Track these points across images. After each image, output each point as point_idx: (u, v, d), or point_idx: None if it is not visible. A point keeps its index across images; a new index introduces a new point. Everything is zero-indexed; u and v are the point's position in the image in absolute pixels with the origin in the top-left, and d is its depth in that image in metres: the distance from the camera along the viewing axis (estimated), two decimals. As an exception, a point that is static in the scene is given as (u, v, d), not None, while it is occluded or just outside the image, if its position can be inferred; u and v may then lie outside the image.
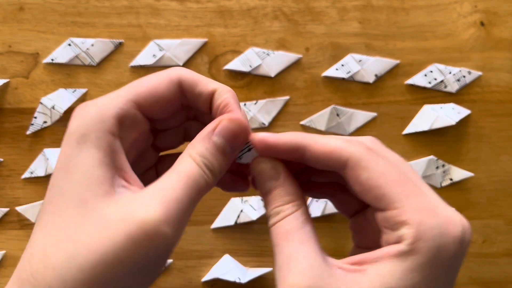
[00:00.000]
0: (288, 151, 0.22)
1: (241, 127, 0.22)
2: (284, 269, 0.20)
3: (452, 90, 0.45)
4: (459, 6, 0.45)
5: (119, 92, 0.22)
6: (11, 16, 0.44)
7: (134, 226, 0.18)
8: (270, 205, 0.22)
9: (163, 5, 0.44)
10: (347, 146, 0.21)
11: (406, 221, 0.19)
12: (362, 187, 0.21)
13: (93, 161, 0.19)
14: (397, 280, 0.19)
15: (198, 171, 0.20)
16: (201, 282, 0.45)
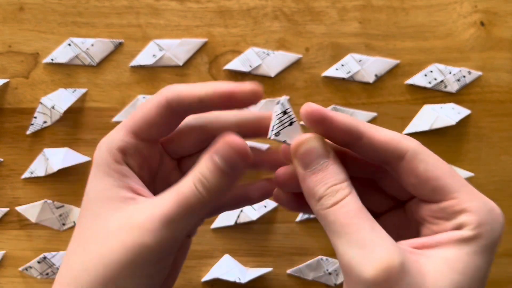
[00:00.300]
0: (344, 132, 0.21)
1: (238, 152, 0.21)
2: (369, 245, 0.19)
3: (452, 90, 0.45)
4: (459, 6, 0.45)
5: (123, 123, 0.24)
6: (11, 16, 0.44)
7: (126, 236, 0.21)
8: (324, 183, 0.21)
9: (163, 5, 0.44)
10: (404, 139, 0.21)
11: (466, 209, 0.20)
12: (418, 179, 0.21)
13: (105, 185, 0.23)
14: (463, 263, 0.19)
15: (191, 190, 0.21)
16: (201, 282, 0.45)
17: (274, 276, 0.45)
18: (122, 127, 0.24)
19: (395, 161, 0.21)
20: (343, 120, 0.21)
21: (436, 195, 0.21)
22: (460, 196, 0.20)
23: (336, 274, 0.45)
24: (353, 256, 0.19)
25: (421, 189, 0.21)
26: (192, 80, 0.44)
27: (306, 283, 0.46)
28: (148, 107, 0.23)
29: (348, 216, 0.20)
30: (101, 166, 0.23)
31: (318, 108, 0.21)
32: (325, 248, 0.45)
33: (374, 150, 0.21)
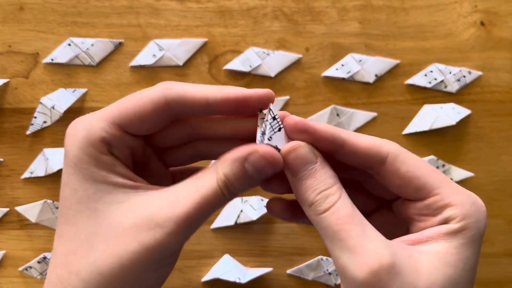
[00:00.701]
0: (325, 140, 0.22)
1: (273, 162, 0.22)
2: (360, 251, 0.19)
3: (452, 90, 0.45)
4: (459, 6, 0.45)
5: (106, 112, 0.22)
6: (11, 16, 0.44)
7: (146, 233, 0.20)
8: (313, 190, 0.21)
9: (163, 5, 0.44)
10: (384, 143, 0.22)
11: (450, 203, 0.21)
12: (402, 180, 0.21)
13: (96, 177, 0.21)
14: (452, 255, 0.20)
15: (217, 193, 0.21)
16: (201, 282, 0.45)
17: (274, 276, 0.45)
18: (105, 116, 0.22)
19: (377, 165, 0.22)
20: (325, 129, 0.22)
21: (420, 193, 0.21)
22: (443, 192, 0.21)
23: (336, 274, 0.45)
24: (345, 261, 0.20)
25: (405, 189, 0.22)
26: (192, 80, 0.44)
27: (306, 283, 0.46)
28: (143, 102, 0.22)
29: (339, 222, 0.20)
30: (83, 157, 0.21)
31: (300, 120, 0.22)
32: (325, 248, 0.45)
33: (356, 156, 0.22)
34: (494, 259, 0.46)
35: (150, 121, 0.22)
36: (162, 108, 0.22)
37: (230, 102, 0.22)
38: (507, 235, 0.46)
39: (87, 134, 0.21)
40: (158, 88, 0.22)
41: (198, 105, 0.22)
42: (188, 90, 0.22)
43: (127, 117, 0.22)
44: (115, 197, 0.21)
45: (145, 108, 0.22)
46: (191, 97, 0.22)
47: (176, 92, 0.22)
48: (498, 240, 0.46)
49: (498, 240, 0.46)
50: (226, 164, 0.22)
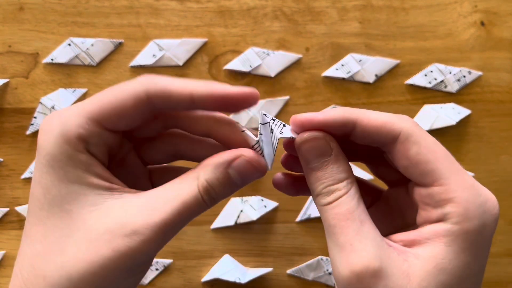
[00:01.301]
0: (337, 127, 0.21)
1: (259, 168, 0.21)
2: (347, 249, 0.19)
3: (452, 90, 0.45)
4: (459, 6, 0.45)
5: (83, 107, 0.21)
6: (11, 16, 0.44)
7: (120, 239, 0.19)
8: (321, 182, 0.21)
9: (163, 5, 0.44)
10: (398, 120, 0.21)
11: (453, 199, 0.19)
12: (409, 162, 0.20)
13: (70, 177, 0.20)
14: (450, 261, 0.19)
15: (197, 199, 0.20)
16: (201, 282, 0.45)
17: (274, 276, 0.45)
18: (82, 111, 0.20)
19: (387, 144, 0.21)
20: (334, 116, 0.21)
21: (425, 179, 0.20)
22: (449, 184, 0.20)
23: (336, 274, 0.45)
24: (334, 255, 0.20)
25: (411, 172, 0.21)
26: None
27: (306, 283, 0.45)
28: (123, 97, 0.20)
29: (336, 217, 0.20)
30: (57, 155, 0.20)
31: (305, 118, 0.21)
32: (325, 248, 0.45)
33: (368, 136, 0.21)
34: (494, 259, 0.46)
35: (130, 116, 0.21)
36: (144, 103, 0.21)
37: (215, 99, 0.21)
38: (507, 235, 0.46)
39: (63, 130, 0.20)
40: (140, 81, 0.21)
41: (182, 100, 0.21)
42: (172, 85, 0.21)
43: (106, 112, 0.20)
44: (90, 199, 0.20)
45: (125, 103, 0.20)
46: (175, 92, 0.21)
47: (160, 87, 0.21)
48: (498, 240, 0.46)
49: (498, 240, 0.46)
50: (208, 169, 0.21)
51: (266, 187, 0.45)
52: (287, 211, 0.45)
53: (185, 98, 0.21)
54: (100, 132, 0.21)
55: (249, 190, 0.45)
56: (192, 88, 0.21)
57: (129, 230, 0.19)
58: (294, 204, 0.45)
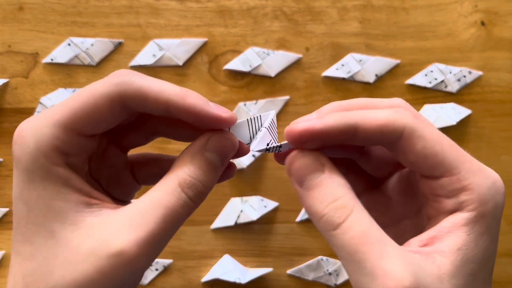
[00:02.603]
0: (338, 135, 0.20)
1: (232, 141, 0.21)
2: (380, 275, 0.18)
3: (452, 90, 0.45)
4: (460, 5, 0.45)
5: (56, 115, 0.19)
6: (11, 16, 0.43)
7: (105, 261, 0.18)
8: (320, 201, 0.19)
9: (163, 4, 0.44)
10: (398, 116, 0.20)
11: (466, 187, 0.19)
12: (417, 157, 0.20)
13: (50, 193, 0.19)
14: (473, 249, 0.19)
15: (181, 201, 0.20)
16: (201, 282, 0.45)
17: (274, 277, 0.45)
18: (56, 121, 0.19)
19: (393, 141, 0.20)
20: (334, 124, 0.20)
21: (435, 171, 0.20)
22: (460, 172, 0.19)
23: (336, 274, 0.45)
24: (364, 285, 0.18)
25: (420, 166, 0.20)
26: (192, 80, 0.44)
27: (306, 284, 0.45)
28: (96, 101, 0.19)
29: (354, 242, 0.18)
30: (34, 170, 0.19)
31: (303, 128, 0.20)
32: (325, 248, 0.45)
33: (371, 139, 0.20)
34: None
35: (106, 120, 0.20)
36: (119, 107, 0.20)
37: (190, 115, 0.20)
38: (507, 235, 0.46)
39: (37, 143, 0.19)
40: (113, 82, 0.20)
41: (158, 107, 0.20)
42: (149, 89, 0.20)
43: (81, 119, 0.19)
44: (70, 218, 0.19)
45: (100, 107, 0.19)
46: (151, 98, 0.20)
47: (135, 91, 0.19)
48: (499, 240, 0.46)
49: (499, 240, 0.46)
50: (185, 163, 0.20)
51: (266, 187, 0.45)
52: (287, 211, 0.45)
53: (161, 106, 0.20)
54: (77, 141, 0.20)
55: (249, 190, 0.45)
56: (169, 97, 0.20)
57: (114, 250, 0.18)
58: (294, 204, 0.45)
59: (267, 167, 0.45)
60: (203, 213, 0.45)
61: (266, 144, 0.22)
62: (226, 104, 0.44)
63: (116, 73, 0.20)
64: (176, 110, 0.20)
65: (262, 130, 0.22)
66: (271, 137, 0.22)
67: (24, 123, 0.20)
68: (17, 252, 0.20)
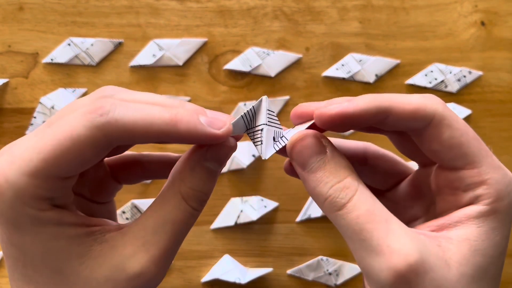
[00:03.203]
0: (369, 118, 0.19)
1: (231, 147, 0.21)
2: (386, 251, 0.18)
3: (452, 90, 0.45)
4: (460, 5, 0.45)
5: (31, 162, 0.17)
6: (10, 16, 0.43)
7: (125, 284, 0.18)
8: (324, 183, 0.19)
9: (163, 4, 0.44)
10: (430, 103, 0.19)
11: (486, 181, 0.19)
12: (442, 146, 0.20)
13: (45, 237, 0.18)
14: (482, 242, 0.19)
15: (187, 213, 0.20)
16: (201, 282, 0.45)
17: (274, 277, 0.45)
18: (33, 169, 0.17)
19: (422, 127, 0.20)
20: (366, 108, 0.19)
21: (457, 162, 0.20)
22: (482, 167, 0.19)
23: (336, 274, 0.45)
24: (370, 262, 0.18)
25: (442, 156, 0.20)
26: (192, 80, 0.44)
27: (306, 284, 0.45)
28: (77, 146, 0.17)
29: (359, 221, 0.18)
30: (20, 219, 0.18)
31: (335, 112, 0.19)
32: (325, 248, 0.45)
33: (401, 123, 0.20)
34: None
35: (90, 162, 0.19)
36: (104, 148, 0.18)
37: (184, 141, 0.19)
38: (507, 235, 0.46)
39: (17, 194, 0.17)
40: (95, 125, 0.17)
41: (148, 141, 0.19)
42: (136, 126, 0.18)
43: (63, 166, 0.18)
44: (74, 252, 0.18)
45: (83, 152, 0.18)
46: (140, 135, 0.18)
47: (121, 131, 0.18)
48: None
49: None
50: (186, 176, 0.20)
51: (266, 187, 0.45)
52: (287, 211, 0.45)
53: (151, 139, 0.19)
54: (60, 184, 0.18)
55: (249, 190, 0.45)
56: (159, 129, 0.18)
57: (132, 273, 0.18)
58: (294, 204, 0.45)
59: (267, 167, 0.45)
60: (203, 213, 0.44)
61: (273, 143, 0.22)
62: (226, 104, 0.44)
63: (95, 103, 0.18)
64: (168, 139, 0.19)
65: (263, 130, 0.22)
66: (273, 130, 0.22)
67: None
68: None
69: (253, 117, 0.22)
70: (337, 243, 0.45)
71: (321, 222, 0.45)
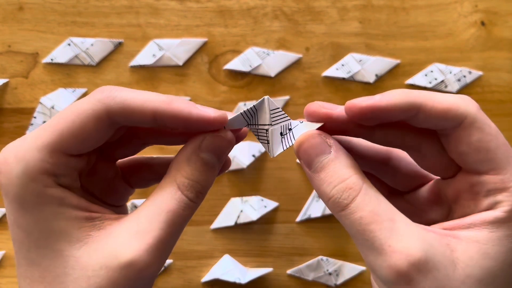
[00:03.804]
0: (400, 113, 0.19)
1: (227, 139, 0.21)
2: (387, 250, 0.18)
3: (452, 90, 0.45)
4: (460, 6, 0.45)
5: (42, 138, 0.19)
6: (10, 16, 0.43)
7: (117, 272, 0.19)
8: (327, 184, 0.20)
9: (163, 4, 0.44)
10: (463, 103, 0.19)
11: (508, 188, 0.19)
12: (469, 148, 0.19)
13: (48, 216, 0.19)
14: (493, 246, 0.18)
15: (183, 203, 0.20)
16: (201, 282, 0.45)
17: (274, 277, 0.45)
18: (42, 144, 0.19)
19: (451, 128, 0.20)
20: (398, 102, 0.19)
21: (481, 166, 0.19)
22: (506, 174, 0.19)
23: (336, 274, 0.45)
24: (373, 261, 0.18)
25: (468, 158, 0.20)
26: (192, 80, 0.44)
27: (306, 284, 0.45)
28: (81, 120, 0.19)
29: (362, 222, 0.18)
30: (26, 196, 0.19)
31: (366, 104, 0.19)
32: (325, 248, 0.45)
33: (432, 121, 0.20)
34: None
35: (94, 139, 0.20)
36: (106, 123, 0.20)
37: (178, 121, 0.20)
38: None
39: (25, 168, 0.18)
40: (97, 99, 0.19)
41: (144, 118, 0.20)
42: (133, 101, 0.19)
43: (68, 140, 0.19)
44: (74, 235, 0.19)
45: (86, 126, 0.19)
46: (137, 110, 0.19)
47: (120, 104, 0.19)
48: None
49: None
50: (182, 166, 0.20)
51: (266, 187, 0.45)
52: (287, 211, 0.45)
53: (147, 116, 0.20)
54: (66, 161, 0.20)
55: (249, 190, 0.45)
56: (154, 106, 0.20)
57: (124, 260, 0.19)
58: (294, 204, 0.45)
59: (267, 167, 0.45)
60: (203, 213, 0.45)
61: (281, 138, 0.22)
62: (226, 104, 0.44)
63: (98, 89, 0.20)
64: (163, 117, 0.20)
65: (268, 131, 0.22)
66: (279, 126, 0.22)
67: (6, 149, 0.19)
68: (24, 276, 0.20)
69: (255, 114, 0.22)
70: (337, 243, 0.45)
71: (321, 222, 0.45)
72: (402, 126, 0.21)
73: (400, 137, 0.22)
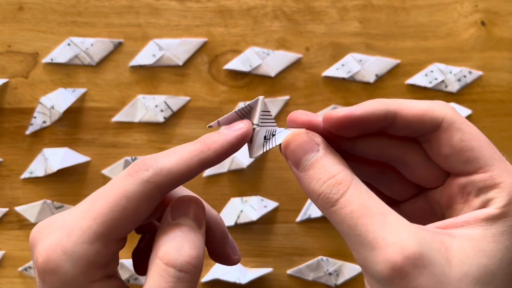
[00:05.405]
0: (377, 121, 0.19)
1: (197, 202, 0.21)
2: (381, 244, 0.17)
3: (452, 90, 0.45)
4: (460, 5, 0.45)
5: (90, 228, 0.18)
6: (10, 16, 0.43)
7: None
8: (316, 180, 0.19)
9: (163, 4, 0.44)
10: (438, 107, 0.20)
11: (498, 185, 0.19)
12: (453, 149, 0.19)
13: None
14: (488, 244, 0.18)
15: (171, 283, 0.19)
16: (201, 282, 0.45)
17: (274, 277, 0.45)
18: (94, 234, 0.18)
19: (430, 132, 0.20)
20: (374, 110, 0.19)
21: (468, 167, 0.19)
22: (494, 170, 0.19)
23: (336, 274, 0.45)
24: (366, 256, 0.18)
25: (453, 160, 0.20)
26: (192, 80, 0.44)
27: (306, 284, 0.45)
28: (134, 204, 0.19)
29: (353, 216, 0.18)
30: None
31: (343, 115, 0.19)
32: (325, 248, 0.45)
33: (409, 126, 0.20)
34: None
35: (145, 217, 0.20)
36: (158, 200, 0.20)
37: (223, 157, 0.21)
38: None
39: (76, 265, 0.18)
40: (145, 180, 0.19)
41: (192, 176, 0.20)
42: (178, 167, 0.19)
43: (121, 228, 0.19)
44: None
45: (139, 210, 0.19)
46: (185, 172, 0.20)
47: (168, 176, 0.19)
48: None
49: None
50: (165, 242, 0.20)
51: (266, 187, 0.45)
52: (287, 211, 0.45)
53: (196, 172, 0.20)
54: (116, 247, 0.19)
55: (249, 190, 0.45)
56: (198, 159, 0.20)
57: None
58: (294, 204, 0.45)
59: (267, 167, 0.45)
60: (203, 213, 0.45)
61: (263, 142, 0.22)
62: (226, 104, 0.44)
63: (137, 166, 0.19)
64: (210, 163, 0.20)
65: (254, 131, 0.22)
66: (265, 129, 0.22)
67: (47, 244, 0.18)
68: None
69: (249, 112, 0.22)
70: (337, 243, 0.45)
71: (321, 222, 0.45)
72: (383, 136, 0.21)
73: (383, 148, 0.21)
